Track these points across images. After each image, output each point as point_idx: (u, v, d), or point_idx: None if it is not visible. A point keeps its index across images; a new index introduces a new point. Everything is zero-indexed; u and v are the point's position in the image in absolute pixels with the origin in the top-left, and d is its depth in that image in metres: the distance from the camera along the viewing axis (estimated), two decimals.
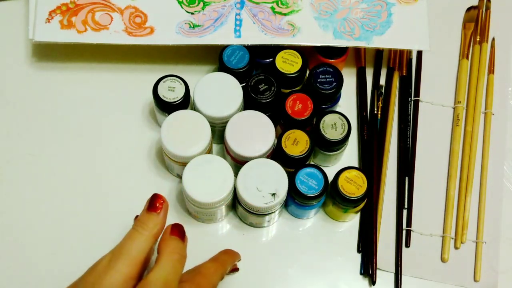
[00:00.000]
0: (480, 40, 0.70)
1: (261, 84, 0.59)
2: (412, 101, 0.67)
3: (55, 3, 0.62)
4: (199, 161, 0.54)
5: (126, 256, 0.42)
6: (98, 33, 0.62)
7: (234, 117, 0.57)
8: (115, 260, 0.42)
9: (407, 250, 0.60)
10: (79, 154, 0.63)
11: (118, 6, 0.63)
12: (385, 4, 0.64)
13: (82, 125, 0.64)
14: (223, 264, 0.51)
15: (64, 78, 0.66)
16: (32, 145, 0.63)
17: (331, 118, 0.58)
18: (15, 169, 0.62)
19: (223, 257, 0.53)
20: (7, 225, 0.59)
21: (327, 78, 0.60)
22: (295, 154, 0.56)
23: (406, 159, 0.64)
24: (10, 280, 0.57)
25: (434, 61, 0.70)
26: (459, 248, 0.60)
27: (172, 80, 0.58)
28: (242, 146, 0.55)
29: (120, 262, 0.42)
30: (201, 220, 0.59)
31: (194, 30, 0.62)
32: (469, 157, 0.64)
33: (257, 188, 0.53)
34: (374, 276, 0.58)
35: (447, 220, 0.61)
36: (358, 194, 0.55)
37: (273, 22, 0.63)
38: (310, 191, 0.55)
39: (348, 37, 0.62)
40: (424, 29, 0.63)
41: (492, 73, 0.69)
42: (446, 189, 0.63)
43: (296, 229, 0.61)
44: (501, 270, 0.60)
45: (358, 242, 0.60)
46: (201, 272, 0.48)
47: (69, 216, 0.60)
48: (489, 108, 0.67)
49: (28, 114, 0.64)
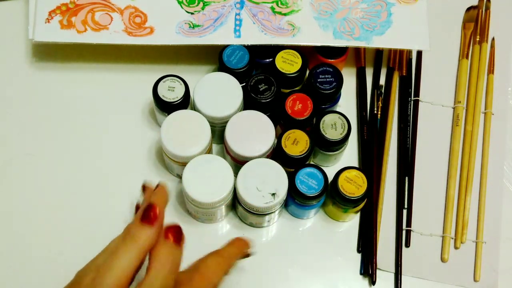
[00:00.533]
0: (480, 40, 0.71)
1: (261, 84, 0.59)
2: (412, 101, 0.67)
3: (55, 3, 0.62)
4: (199, 161, 0.54)
5: (112, 274, 0.37)
6: (98, 33, 0.62)
7: (234, 117, 0.57)
8: (100, 278, 0.38)
9: (407, 250, 0.60)
10: (79, 154, 0.63)
11: (118, 6, 0.63)
12: (385, 4, 0.64)
13: (82, 125, 0.64)
14: (227, 258, 0.46)
15: (64, 78, 0.66)
16: (32, 145, 0.63)
17: (331, 118, 0.58)
18: (15, 169, 0.62)
19: (228, 250, 0.47)
20: (7, 225, 0.59)
21: (327, 78, 0.60)
22: (295, 154, 0.56)
23: (406, 159, 0.64)
24: (10, 280, 0.57)
25: (434, 61, 0.70)
26: (459, 248, 0.60)
27: (172, 80, 0.58)
28: (242, 146, 0.55)
29: (105, 281, 0.37)
30: (201, 220, 0.59)
31: (194, 30, 0.62)
32: (469, 157, 0.64)
33: (257, 188, 0.53)
34: (374, 276, 0.58)
35: (447, 220, 0.61)
36: (358, 194, 0.55)
37: (273, 22, 0.63)
38: (310, 191, 0.55)
39: (348, 37, 0.62)
40: (424, 29, 0.63)
41: (492, 73, 0.69)
42: (446, 189, 0.63)
43: (296, 229, 0.61)
44: (501, 270, 0.60)
45: (358, 242, 0.60)
46: (200, 271, 0.44)
47: (69, 216, 0.60)
48: (489, 108, 0.67)
49: (28, 114, 0.64)
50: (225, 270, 0.45)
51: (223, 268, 0.45)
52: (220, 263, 0.45)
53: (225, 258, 0.46)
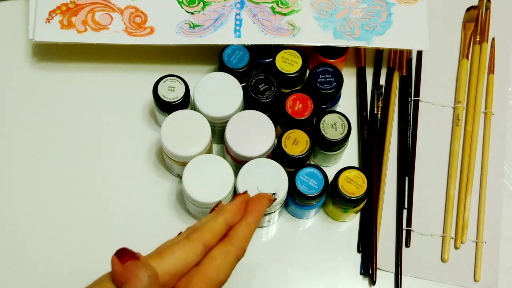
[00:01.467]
0: (480, 40, 0.70)
1: (261, 84, 0.59)
2: (412, 101, 0.67)
3: (55, 3, 0.62)
4: (199, 161, 0.54)
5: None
6: (98, 33, 0.62)
7: (234, 117, 0.57)
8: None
9: (407, 250, 0.60)
10: (79, 154, 0.63)
11: (118, 6, 0.63)
12: (385, 4, 0.64)
13: (82, 125, 0.64)
14: (242, 242, 0.40)
15: (64, 78, 0.66)
16: (32, 145, 0.63)
17: (331, 118, 0.58)
18: (15, 169, 0.62)
19: (242, 230, 0.41)
20: (7, 225, 0.59)
21: (327, 78, 0.60)
22: (295, 154, 0.56)
23: (406, 159, 0.64)
24: (11, 280, 0.57)
25: (434, 61, 0.70)
26: (459, 248, 0.60)
27: (172, 80, 0.58)
28: (242, 146, 0.55)
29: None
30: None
31: (194, 30, 0.62)
32: (469, 157, 0.64)
33: (257, 188, 0.53)
34: (374, 276, 0.58)
35: (447, 220, 0.61)
36: (358, 194, 0.55)
37: (273, 22, 0.63)
38: (310, 191, 0.55)
39: (348, 37, 0.62)
40: (424, 29, 0.63)
41: (492, 73, 0.69)
42: (446, 189, 0.63)
43: (296, 229, 0.61)
44: (501, 270, 0.60)
45: (358, 242, 0.60)
46: (202, 269, 0.39)
47: (69, 216, 0.60)
48: (489, 108, 0.67)
49: (28, 114, 0.64)
50: (238, 257, 0.41)
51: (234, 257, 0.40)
52: (230, 254, 0.40)
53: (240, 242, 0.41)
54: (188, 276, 0.39)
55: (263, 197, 0.43)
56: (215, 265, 0.39)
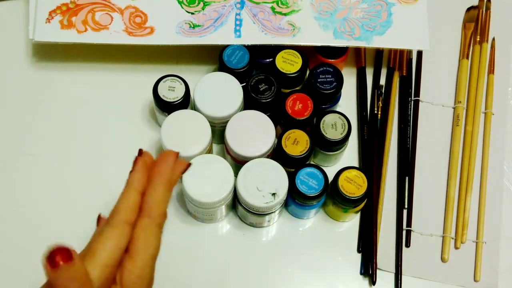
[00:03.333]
0: (480, 40, 0.70)
1: (261, 84, 0.59)
2: (412, 101, 0.67)
3: (55, 3, 0.62)
4: (199, 161, 0.54)
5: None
6: (98, 33, 0.62)
7: (234, 117, 0.57)
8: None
9: (407, 250, 0.60)
10: (79, 154, 0.63)
11: (118, 6, 0.63)
12: (385, 4, 0.64)
13: (82, 125, 0.64)
14: (155, 210, 0.39)
15: (64, 78, 0.66)
16: (32, 145, 0.63)
17: (331, 118, 0.58)
18: (15, 169, 0.62)
19: (151, 197, 0.40)
20: (7, 224, 0.59)
21: (327, 78, 0.60)
22: (295, 154, 0.56)
23: (406, 159, 0.64)
24: (11, 280, 0.57)
25: (434, 61, 0.70)
26: (459, 248, 0.60)
27: (172, 80, 0.58)
28: (242, 146, 0.55)
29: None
30: (201, 220, 0.59)
31: (194, 30, 0.62)
32: (469, 157, 0.64)
33: (257, 188, 0.53)
34: (374, 276, 0.58)
35: (447, 220, 0.61)
36: (358, 194, 0.55)
37: (273, 22, 0.63)
38: (310, 191, 0.55)
39: (348, 37, 0.62)
40: (424, 29, 0.63)
41: (492, 73, 0.69)
42: (446, 189, 0.63)
43: (296, 229, 0.61)
44: (501, 270, 0.60)
45: (358, 242, 0.60)
46: (130, 255, 0.38)
47: (69, 216, 0.60)
48: (489, 108, 0.67)
49: (28, 114, 0.64)
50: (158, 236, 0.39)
51: (156, 235, 0.39)
52: (151, 231, 0.39)
53: (154, 218, 0.39)
54: (121, 267, 0.38)
55: (166, 155, 0.41)
56: (140, 245, 0.38)
